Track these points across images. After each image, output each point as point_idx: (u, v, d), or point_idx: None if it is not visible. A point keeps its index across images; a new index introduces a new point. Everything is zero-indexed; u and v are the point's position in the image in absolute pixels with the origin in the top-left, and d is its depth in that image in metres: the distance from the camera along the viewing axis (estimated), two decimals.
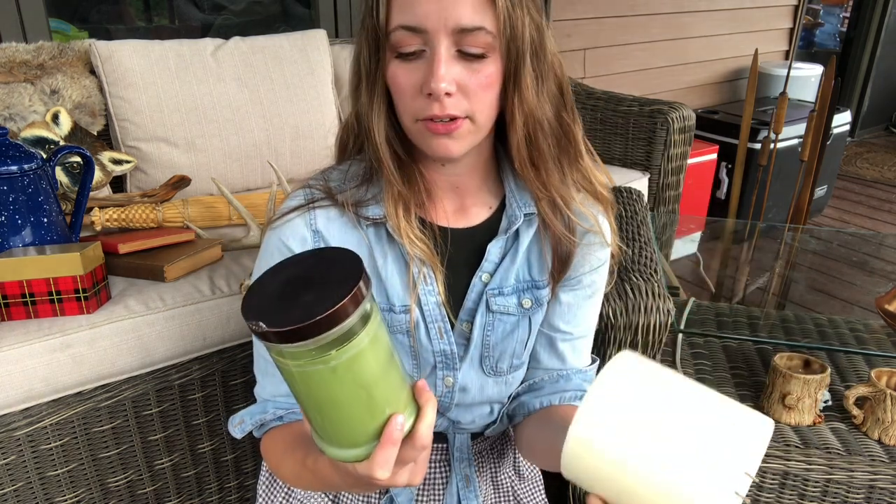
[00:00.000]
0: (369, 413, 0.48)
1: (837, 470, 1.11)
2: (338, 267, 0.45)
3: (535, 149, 0.68)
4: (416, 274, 0.70)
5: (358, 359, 0.45)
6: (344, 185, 0.72)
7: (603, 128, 2.11)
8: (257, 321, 0.42)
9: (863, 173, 4.04)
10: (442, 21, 0.59)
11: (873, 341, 1.42)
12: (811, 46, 5.34)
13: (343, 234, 0.71)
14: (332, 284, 0.43)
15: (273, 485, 0.87)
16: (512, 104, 0.65)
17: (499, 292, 0.73)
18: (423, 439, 0.51)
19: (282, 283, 0.46)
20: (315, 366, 0.44)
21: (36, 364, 1.04)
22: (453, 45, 0.61)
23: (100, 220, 1.34)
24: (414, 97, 0.63)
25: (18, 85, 1.46)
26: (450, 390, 0.75)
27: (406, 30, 0.61)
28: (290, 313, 0.42)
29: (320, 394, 0.46)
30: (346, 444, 0.49)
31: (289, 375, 0.46)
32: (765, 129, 2.70)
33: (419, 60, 0.62)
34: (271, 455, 0.73)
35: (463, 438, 0.83)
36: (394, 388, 0.49)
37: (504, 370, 0.76)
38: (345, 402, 0.47)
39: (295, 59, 1.75)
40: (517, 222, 0.72)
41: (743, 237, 2.51)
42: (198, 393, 1.24)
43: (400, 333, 0.72)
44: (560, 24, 2.73)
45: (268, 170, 1.71)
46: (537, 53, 0.65)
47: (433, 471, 0.84)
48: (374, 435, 0.49)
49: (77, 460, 1.14)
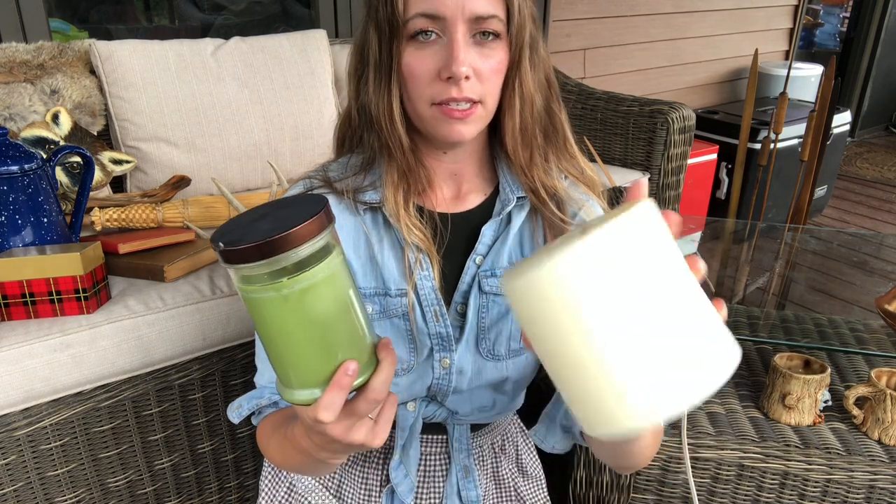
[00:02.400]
0: (322, 353, 0.49)
1: (837, 470, 1.11)
2: (306, 206, 0.48)
3: (528, 134, 0.72)
4: (413, 260, 0.72)
5: (310, 292, 0.47)
6: (343, 175, 0.74)
7: (603, 128, 2.11)
8: (218, 242, 0.46)
9: (863, 173, 4.04)
10: (459, 8, 0.63)
11: (873, 341, 1.42)
12: (811, 46, 5.34)
13: (341, 220, 0.73)
14: (294, 218, 0.46)
15: (276, 479, 0.88)
16: (512, 89, 0.69)
17: (491, 273, 0.75)
18: (375, 392, 0.50)
19: (252, 218, 0.49)
20: (267, 292, 0.46)
21: (36, 364, 1.04)
22: (468, 31, 0.64)
23: (100, 220, 1.34)
24: (431, 82, 0.65)
25: (18, 85, 1.46)
26: (447, 372, 0.76)
27: (424, 17, 0.64)
28: (248, 237, 0.45)
29: (272, 325, 0.48)
30: (298, 383, 0.50)
31: (248, 305, 0.48)
32: (765, 129, 2.70)
33: (435, 46, 0.65)
34: (262, 436, 0.74)
35: (462, 430, 0.84)
36: (350, 334, 0.50)
37: (502, 354, 0.77)
38: (296, 337, 0.48)
39: (295, 59, 1.75)
40: (509, 205, 0.74)
41: (743, 237, 2.50)
42: (198, 393, 1.24)
43: (396, 317, 0.73)
44: (560, 24, 2.73)
45: (268, 170, 1.71)
46: (534, 43, 0.69)
47: (433, 462, 0.85)
48: (325, 378, 0.49)
49: (77, 460, 1.14)
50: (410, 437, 0.80)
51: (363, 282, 0.73)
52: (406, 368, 0.75)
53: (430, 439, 0.84)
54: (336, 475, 0.86)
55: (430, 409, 0.80)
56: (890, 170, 4.11)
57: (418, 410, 0.79)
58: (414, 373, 0.75)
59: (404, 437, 0.80)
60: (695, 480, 1.16)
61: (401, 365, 0.75)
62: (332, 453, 0.58)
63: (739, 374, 1.33)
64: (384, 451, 0.84)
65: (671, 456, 1.16)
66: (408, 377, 0.75)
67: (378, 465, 0.84)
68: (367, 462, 0.84)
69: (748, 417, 1.20)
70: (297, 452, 0.63)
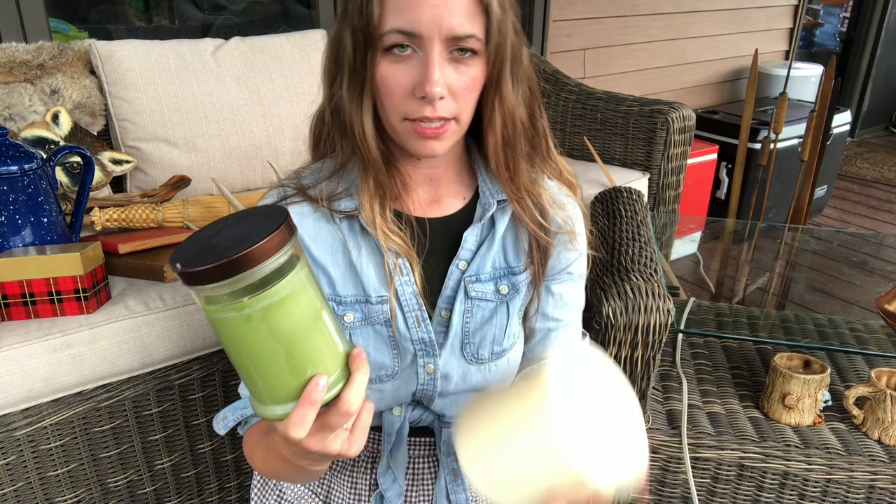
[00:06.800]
0: (290, 370, 0.48)
1: (837, 470, 1.11)
2: (266, 220, 0.47)
3: (510, 149, 0.71)
4: (392, 266, 0.71)
5: (273, 310, 0.46)
6: (317, 181, 0.73)
7: (603, 128, 2.11)
8: (175, 263, 0.44)
9: (863, 173, 4.04)
10: (437, 27, 0.61)
11: (873, 341, 1.42)
12: (811, 46, 5.34)
13: (316, 229, 0.72)
14: (255, 233, 0.45)
15: (265, 488, 0.88)
16: (492, 106, 0.68)
17: (476, 279, 0.74)
18: (347, 405, 0.50)
19: (211, 234, 0.48)
20: (228, 312, 0.45)
21: (36, 364, 1.04)
22: (445, 49, 0.62)
23: (100, 220, 1.34)
24: (405, 98, 0.64)
25: (18, 85, 1.46)
26: (431, 378, 0.76)
27: (400, 33, 0.62)
28: (207, 257, 0.44)
29: (238, 344, 0.47)
30: (268, 400, 0.50)
31: (212, 324, 0.47)
32: (765, 129, 2.70)
33: (411, 61, 0.63)
34: (248, 446, 0.74)
35: (450, 432, 0.84)
36: (318, 348, 0.49)
37: (486, 357, 0.77)
38: (262, 356, 0.47)
39: (295, 59, 1.75)
40: (490, 210, 0.74)
41: (743, 237, 2.51)
42: (198, 393, 1.24)
43: (378, 324, 0.73)
44: (560, 24, 2.73)
45: (268, 170, 1.71)
46: (516, 57, 0.68)
47: (421, 466, 0.85)
48: (296, 393, 0.49)
49: (77, 460, 1.14)
50: (398, 441, 0.80)
51: (343, 290, 0.73)
52: (390, 375, 0.75)
53: (417, 443, 0.84)
54: (325, 482, 0.85)
55: (416, 413, 0.80)
56: (890, 170, 4.11)
57: (404, 415, 0.79)
58: (398, 379, 0.75)
59: (391, 441, 0.80)
60: (695, 480, 1.16)
61: (385, 371, 0.74)
62: (312, 461, 0.58)
63: (739, 374, 1.33)
64: (372, 456, 0.83)
65: (671, 456, 1.16)
66: (392, 383, 0.75)
67: (367, 471, 0.84)
68: (355, 468, 0.84)
69: (748, 417, 1.20)
70: (280, 461, 0.63)
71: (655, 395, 1.25)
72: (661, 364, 1.35)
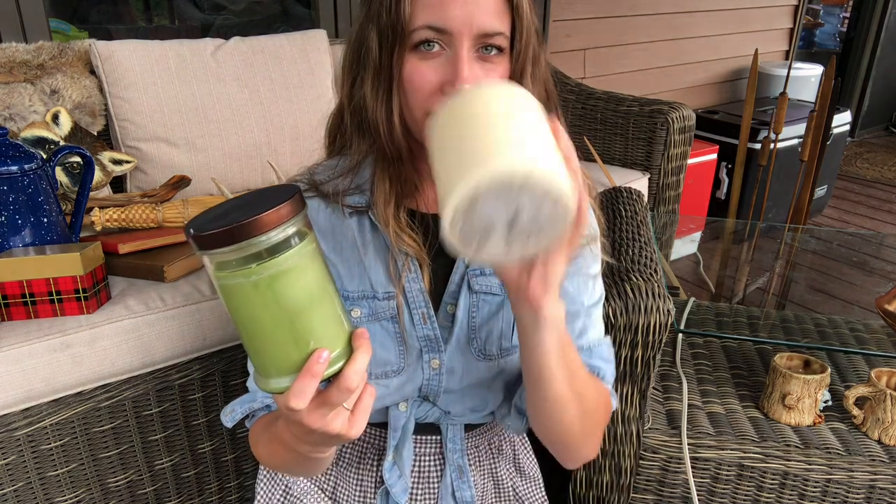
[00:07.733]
0: (293, 341, 0.49)
1: (837, 470, 1.11)
2: (278, 195, 0.49)
3: None
4: (401, 265, 0.72)
5: (280, 279, 0.47)
6: (330, 178, 0.74)
7: (603, 128, 2.11)
8: (189, 228, 0.47)
9: (863, 173, 4.04)
10: (467, 24, 0.62)
11: (873, 341, 1.42)
12: (811, 46, 5.35)
13: (329, 223, 0.73)
14: (266, 205, 0.47)
15: (271, 482, 0.88)
16: None
17: (480, 272, 0.75)
18: (348, 381, 0.50)
19: (227, 208, 0.50)
20: (237, 279, 0.47)
21: (36, 364, 1.04)
22: (473, 46, 0.64)
23: (100, 220, 1.34)
24: (432, 94, 0.65)
25: (18, 85, 1.46)
26: (437, 373, 0.76)
27: (431, 29, 0.63)
28: (219, 223, 0.46)
29: (244, 311, 0.49)
30: (273, 371, 0.51)
31: (221, 292, 0.49)
32: (765, 129, 2.70)
33: (439, 59, 0.64)
34: (253, 438, 0.74)
35: (456, 430, 0.84)
36: (322, 322, 0.50)
37: (494, 353, 0.77)
38: (268, 324, 0.49)
39: (295, 59, 1.75)
40: None
41: (743, 237, 2.51)
42: (198, 393, 1.24)
43: (384, 320, 0.74)
44: (560, 24, 2.73)
45: (268, 170, 1.71)
46: (537, 59, 0.68)
47: (427, 464, 0.85)
48: (298, 366, 0.50)
49: (77, 460, 1.14)
50: (403, 437, 0.80)
51: (350, 285, 0.73)
52: (396, 370, 0.75)
53: (423, 440, 0.84)
54: (331, 477, 0.86)
55: (422, 408, 0.80)
56: (890, 170, 4.11)
57: (410, 410, 0.79)
58: (404, 374, 0.75)
59: (397, 437, 0.80)
60: (695, 480, 1.16)
61: (391, 367, 0.75)
62: (312, 445, 0.58)
63: (739, 374, 1.33)
64: (378, 452, 0.84)
65: (671, 456, 1.16)
66: (398, 379, 0.75)
67: (373, 467, 0.84)
68: (361, 463, 0.84)
69: (748, 417, 1.20)
70: (283, 448, 0.63)
71: (655, 395, 1.25)
72: (661, 364, 1.35)
